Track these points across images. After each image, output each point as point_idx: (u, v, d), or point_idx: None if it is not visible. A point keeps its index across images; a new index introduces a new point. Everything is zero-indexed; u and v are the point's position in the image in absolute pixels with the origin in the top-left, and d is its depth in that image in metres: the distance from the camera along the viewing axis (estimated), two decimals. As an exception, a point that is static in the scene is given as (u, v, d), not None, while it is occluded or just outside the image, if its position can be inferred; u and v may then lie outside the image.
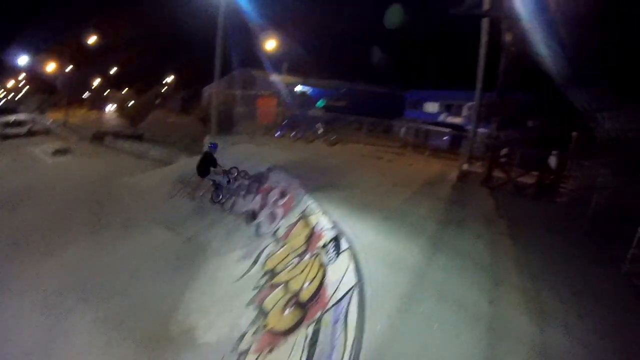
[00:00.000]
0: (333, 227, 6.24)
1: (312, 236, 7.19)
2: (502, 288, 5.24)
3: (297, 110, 27.11)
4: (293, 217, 8.92)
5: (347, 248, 5.43)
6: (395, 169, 12.78)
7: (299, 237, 7.79)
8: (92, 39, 38.45)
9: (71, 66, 48.76)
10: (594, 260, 6.96)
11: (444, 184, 11.23)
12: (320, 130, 17.17)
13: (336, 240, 5.92)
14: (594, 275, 6.29)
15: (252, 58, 44.16)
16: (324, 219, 6.88)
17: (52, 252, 10.05)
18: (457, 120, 40.77)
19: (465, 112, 40.13)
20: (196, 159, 15.18)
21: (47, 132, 32.38)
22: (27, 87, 64.15)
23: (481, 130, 15.88)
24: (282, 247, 8.19)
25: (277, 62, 38.84)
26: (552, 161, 12.33)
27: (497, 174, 12.13)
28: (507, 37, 11.32)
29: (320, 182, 9.91)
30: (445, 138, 36.24)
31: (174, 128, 33.75)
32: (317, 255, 6.32)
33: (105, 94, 54.23)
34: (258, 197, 10.97)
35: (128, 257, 9.63)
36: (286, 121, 19.05)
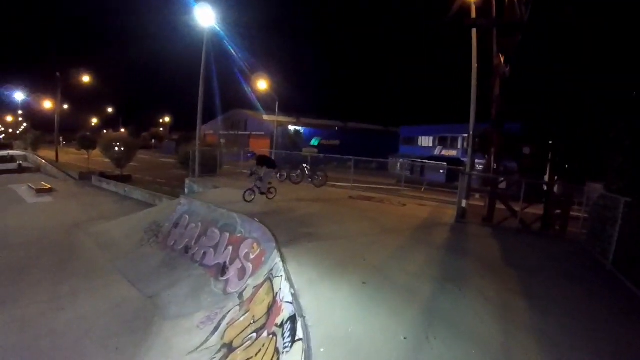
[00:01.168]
0: (292, 301, 4.68)
1: (273, 307, 5.57)
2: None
3: (288, 150, 26.07)
4: (261, 276, 7.35)
5: (301, 339, 3.83)
6: (386, 212, 11.26)
7: (261, 305, 6.18)
8: (87, 78, 38.16)
9: (66, 105, 48.71)
10: (628, 314, 5.38)
11: (441, 227, 9.68)
12: (307, 171, 15.82)
13: (293, 321, 4.34)
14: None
15: (246, 99, 44.10)
16: (286, 285, 5.32)
17: (5, 304, 8.54)
18: (452, 153, 39.79)
19: (460, 144, 39.20)
20: (176, 200, 14.05)
21: (37, 169, 32.01)
22: (25, 123, 64.56)
23: (478, 161, 14.57)
24: (244, 314, 6.61)
25: (270, 102, 38.40)
26: (557, 189, 10.92)
27: (499, 206, 10.70)
28: (499, 60, 10.19)
29: (296, 232, 8.39)
30: (441, 171, 35.09)
31: (164, 169, 32.92)
32: (274, 335, 4.72)
33: (103, 132, 53.93)
34: (230, 249, 9.50)
35: (84, 315, 8.22)
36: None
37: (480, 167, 18.50)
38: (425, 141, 42.88)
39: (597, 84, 7.37)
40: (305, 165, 16.14)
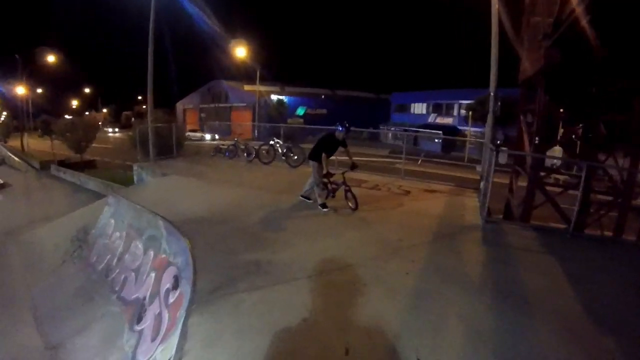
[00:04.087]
0: None
1: None
2: None
3: (273, 122, 22.77)
4: (169, 349, 4.01)
5: None
6: (383, 206, 7.82)
7: None
8: (52, 58, 33.55)
9: (40, 89, 44.47)
10: None
11: (467, 233, 6.23)
12: (280, 148, 12.17)
13: None
14: None
15: (227, 69, 39.85)
16: None
17: None
18: (448, 120, 36.14)
19: (456, 111, 35.50)
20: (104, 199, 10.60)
21: (2, 161, 29.11)
22: (4, 113, 59.98)
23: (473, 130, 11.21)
24: None
25: (251, 71, 34.38)
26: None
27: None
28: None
29: (237, 260, 5.00)
30: (436, 140, 31.54)
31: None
32: None
33: (85, 115, 50.42)
34: (152, 277, 6.11)
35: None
36: (235, 140, 13.84)
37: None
38: (419, 108, 39.17)
39: None
40: (276, 140, 12.32)
